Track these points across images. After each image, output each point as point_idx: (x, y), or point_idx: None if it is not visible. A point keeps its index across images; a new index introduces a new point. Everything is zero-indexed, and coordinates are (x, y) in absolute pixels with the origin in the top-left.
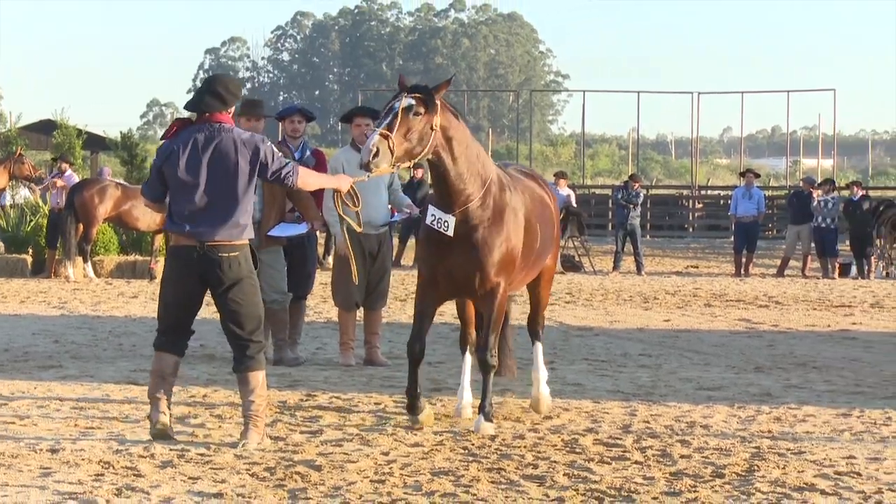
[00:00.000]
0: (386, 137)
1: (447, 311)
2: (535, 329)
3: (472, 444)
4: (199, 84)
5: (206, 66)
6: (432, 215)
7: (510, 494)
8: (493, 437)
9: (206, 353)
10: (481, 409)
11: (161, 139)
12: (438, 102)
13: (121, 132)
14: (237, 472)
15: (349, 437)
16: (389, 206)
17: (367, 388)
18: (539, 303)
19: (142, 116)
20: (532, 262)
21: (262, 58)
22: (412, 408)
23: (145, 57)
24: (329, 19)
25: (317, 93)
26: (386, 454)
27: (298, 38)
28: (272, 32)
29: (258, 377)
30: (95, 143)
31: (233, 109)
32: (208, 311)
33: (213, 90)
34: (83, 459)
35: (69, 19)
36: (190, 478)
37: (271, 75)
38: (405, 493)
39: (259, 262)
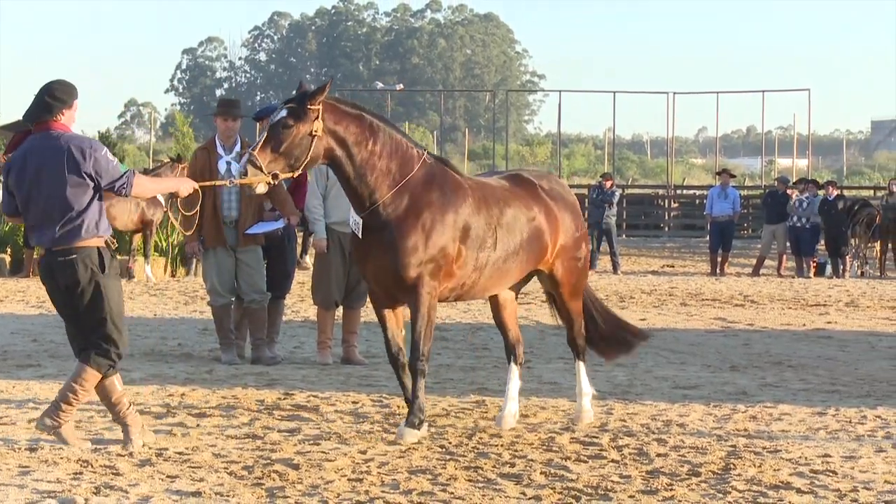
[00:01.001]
0: (253, 157)
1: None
2: (573, 345)
3: (450, 443)
4: (175, 84)
5: (184, 66)
6: (352, 217)
7: (487, 493)
8: (470, 436)
9: (183, 353)
10: (407, 416)
11: (4, 154)
12: (318, 108)
13: (98, 132)
14: (215, 471)
15: (327, 436)
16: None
17: (344, 387)
18: (566, 317)
19: (119, 116)
20: (494, 268)
21: (240, 58)
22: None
23: (123, 57)
24: (306, 20)
25: (293, 93)
26: (363, 453)
27: (275, 38)
28: (249, 33)
29: (84, 370)
30: None
31: (66, 113)
32: (186, 309)
33: (38, 99)
34: (61, 458)
35: (45, 20)
36: (168, 476)
37: (248, 75)
38: (383, 491)
39: (209, 259)
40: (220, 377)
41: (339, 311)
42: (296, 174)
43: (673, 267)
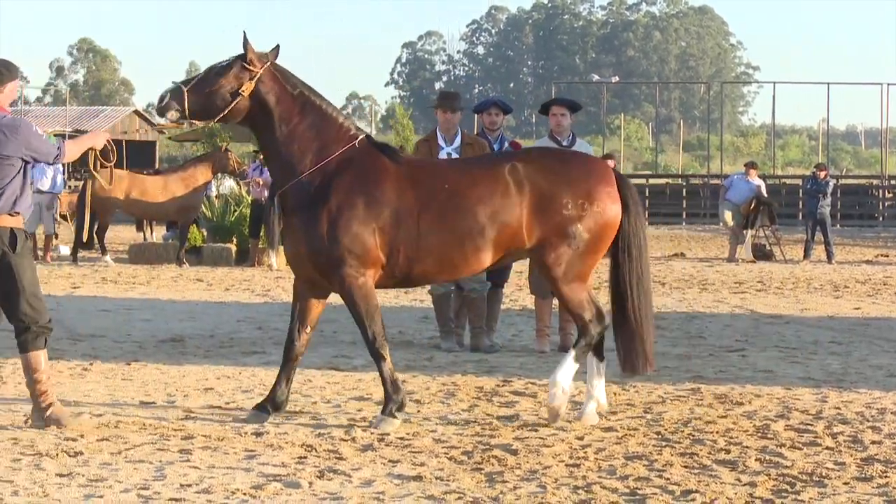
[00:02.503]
0: (178, 89)
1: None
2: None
3: (665, 430)
4: (395, 77)
5: (404, 60)
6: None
7: (703, 479)
8: (685, 423)
9: (404, 340)
10: (383, 406)
11: None
12: (257, 70)
13: None
14: (435, 456)
15: (545, 422)
16: None
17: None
18: (564, 307)
19: (342, 109)
20: (432, 253)
21: (458, 51)
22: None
23: (345, 52)
24: (523, 13)
25: (511, 85)
26: (580, 439)
27: (493, 31)
28: (467, 26)
29: (29, 357)
30: None
31: (1, 93)
32: (406, 298)
33: None
34: (286, 442)
35: (271, 15)
36: (390, 461)
37: (467, 68)
38: (599, 476)
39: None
40: (440, 364)
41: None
42: (209, 123)
43: (887, 256)
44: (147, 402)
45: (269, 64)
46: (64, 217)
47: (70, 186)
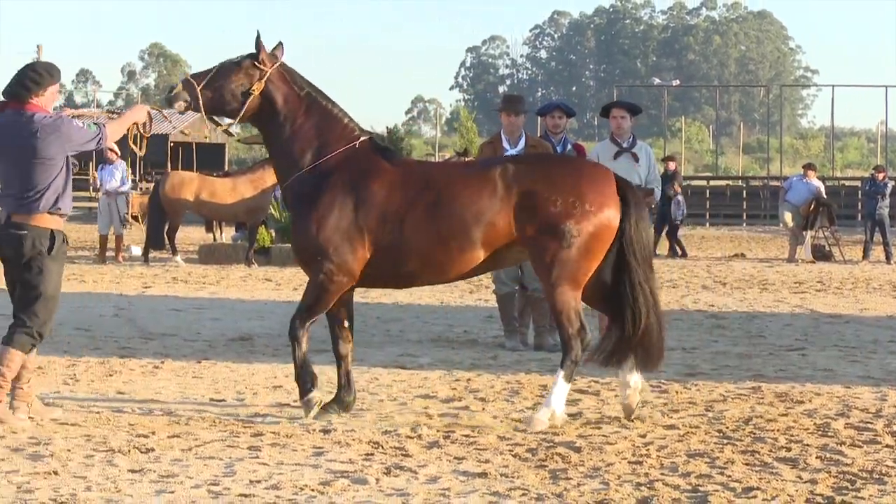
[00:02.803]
0: (189, 81)
1: (701, 300)
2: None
3: (727, 428)
4: (460, 81)
5: (468, 64)
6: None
7: (764, 476)
8: (746, 421)
9: (469, 339)
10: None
11: None
12: (267, 70)
13: (387, 127)
14: (500, 453)
15: (607, 420)
16: None
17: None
18: (551, 308)
19: (406, 112)
20: (418, 254)
21: (521, 55)
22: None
23: (411, 56)
24: (585, 18)
25: (573, 89)
26: (643, 436)
27: (556, 36)
28: (530, 31)
29: (7, 351)
30: None
31: (40, 96)
32: (471, 297)
33: (20, 81)
34: (354, 439)
35: (341, 19)
36: (455, 458)
37: (530, 72)
38: (662, 473)
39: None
40: (504, 363)
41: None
42: (226, 122)
43: None
44: (217, 400)
45: (278, 64)
46: (135, 218)
47: (141, 188)
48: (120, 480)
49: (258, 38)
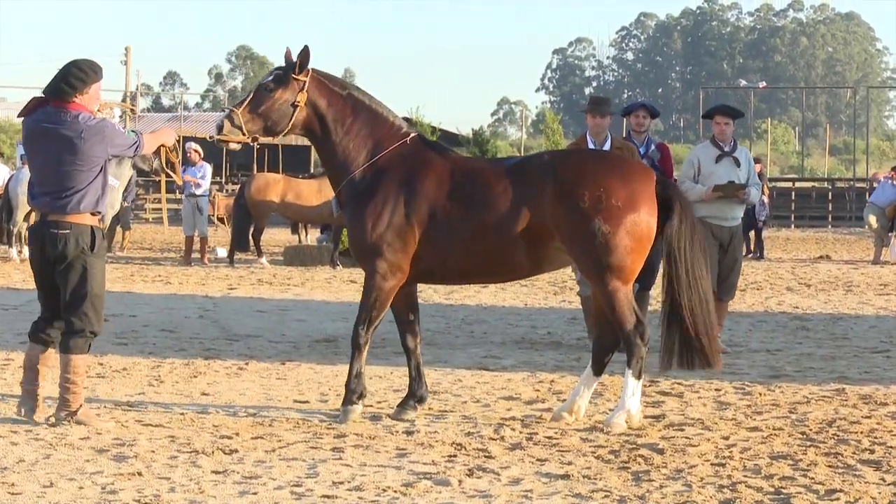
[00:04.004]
0: (231, 114)
1: (785, 301)
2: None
3: (810, 430)
4: (545, 83)
5: (554, 66)
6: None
7: (847, 478)
8: (830, 423)
9: (552, 341)
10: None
11: (19, 116)
12: (304, 79)
13: (472, 129)
14: (583, 455)
15: (690, 422)
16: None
17: (707, 375)
18: (603, 305)
19: (492, 114)
20: (463, 249)
21: (608, 57)
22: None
23: (497, 58)
24: (671, 20)
25: (659, 90)
26: (726, 438)
27: (642, 38)
28: (617, 33)
29: (70, 360)
30: (449, 140)
31: (82, 96)
32: (555, 299)
33: (63, 79)
34: (437, 441)
35: (414, 26)
36: (538, 459)
37: (616, 74)
38: (745, 475)
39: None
40: (587, 365)
41: None
42: (275, 136)
43: None
44: (301, 401)
45: (311, 70)
46: (221, 220)
47: (227, 190)
48: (203, 481)
49: (287, 51)
